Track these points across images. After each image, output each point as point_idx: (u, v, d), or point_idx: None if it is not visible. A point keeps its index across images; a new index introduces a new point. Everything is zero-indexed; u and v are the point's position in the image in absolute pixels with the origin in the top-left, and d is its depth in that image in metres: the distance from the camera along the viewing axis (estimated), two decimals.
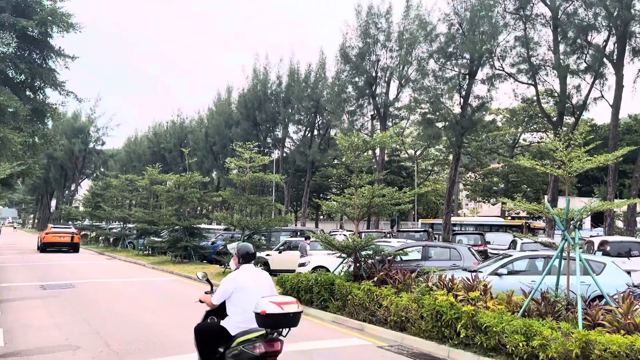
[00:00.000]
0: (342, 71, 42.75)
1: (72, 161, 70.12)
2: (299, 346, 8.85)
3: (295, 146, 53.48)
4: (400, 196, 12.91)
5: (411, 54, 38.52)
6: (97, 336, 9.34)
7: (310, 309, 12.19)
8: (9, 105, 17.66)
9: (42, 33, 18.75)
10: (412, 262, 14.83)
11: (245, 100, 53.46)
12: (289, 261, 19.67)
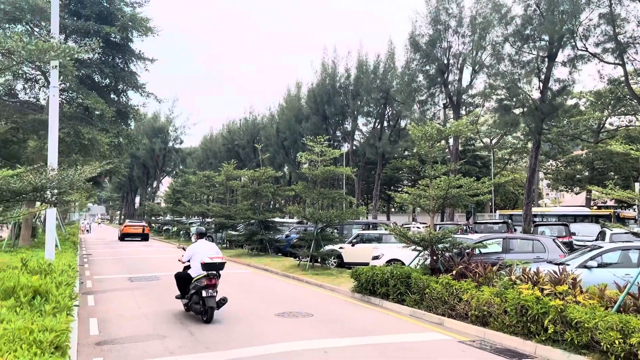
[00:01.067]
0: (412, 60, 41.87)
1: (153, 159, 73.95)
2: (378, 339, 8.77)
3: (365, 138, 53.17)
4: (478, 186, 12.45)
5: (485, 38, 37.01)
6: (182, 326, 9.74)
7: (387, 302, 12.05)
8: (96, 108, 18.83)
9: (124, 38, 19.83)
10: (491, 255, 14.27)
11: (315, 95, 53.79)
12: (362, 254, 19.59)
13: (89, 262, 23.38)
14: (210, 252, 10.47)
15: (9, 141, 18.12)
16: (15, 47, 5.97)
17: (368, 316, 11.01)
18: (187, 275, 10.70)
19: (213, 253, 10.45)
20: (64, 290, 6.58)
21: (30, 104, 19.42)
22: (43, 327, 4.38)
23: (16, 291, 6.04)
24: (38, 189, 6.04)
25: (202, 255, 10.34)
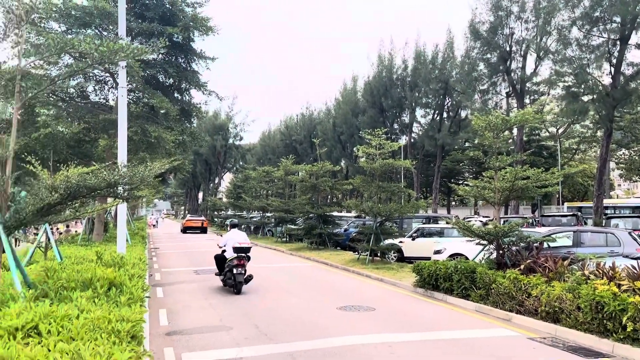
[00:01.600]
0: (472, 49, 40.67)
1: (214, 156, 76.07)
2: (444, 334, 8.59)
3: (424, 130, 52.25)
4: (547, 177, 11.91)
5: (550, 23, 35.35)
6: (246, 318, 9.94)
7: (450, 297, 11.79)
8: (161, 107, 19.53)
9: (185, 38, 20.44)
10: (561, 249, 13.65)
11: (371, 88, 53.38)
12: (423, 248, 19.27)
13: (157, 255, 24.36)
14: (240, 239, 13.14)
15: (82, 140, 19.14)
16: (88, 49, 6.26)
17: (432, 311, 10.81)
18: (223, 257, 13.41)
19: (242, 240, 13.10)
20: (136, 282, 6.85)
21: (101, 105, 20.41)
22: (120, 317, 4.57)
23: (93, 282, 6.36)
24: (111, 185, 6.31)
25: (234, 241, 12.99)
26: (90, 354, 3.53)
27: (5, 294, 5.54)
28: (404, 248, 20.15)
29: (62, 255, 10.39)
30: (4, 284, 6.33)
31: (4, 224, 5.95)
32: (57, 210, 6.58)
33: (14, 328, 4.01)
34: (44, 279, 6.75)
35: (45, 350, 3.55)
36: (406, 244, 20.18)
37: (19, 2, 6.34)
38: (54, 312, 4.44)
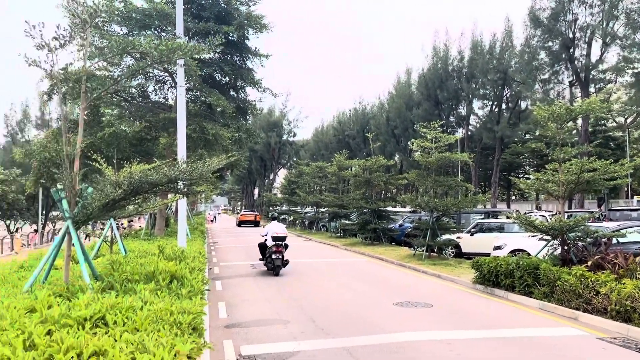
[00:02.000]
0: (532, 37, 39.08)
1: (269, 152, 77.18)
2: (506, 332, 8.29)
3: (481, 123, 50.74)
4: (615, 169, 11.24)
5: (617, 7, 33.37)
6: (302, 312, 10.00)
7: (512, 294, 11.38)
8: (218, 105, 19.94)
9: (240, 36, 20.76)
10: (632, 244, 12.85)
11: (426, 80, 52.40)
12: (482, 244, 18.73)
13: (216, 249, 24.99)
14: (278, 229, 15.70)
15: (144, 139, 19.87)
16: (148, 48, 6.45)
17: (492, 308, 10.48)
18: (264, 245, 16.02)
19: (279, 230, 15.67)
20: (196, 275, 7.02)
21: (161, 104, 21.10)
22: (181, 310, 4.68)
23: (156, 275, 6.56)
24: (172, 181, 6.49)
25: (272, 231, 15.56)
26: (153, 344, 3.62)
27: (74, 286, 5.80)
28: (462, 244, 19.66)
29: (126, 249, 10.82)
30: (73, 276, 6.64)
31: (72, 218, 6.24)
32: (121, 205, 6.83)
33: (82, 318, 4.19)
34: (110, 272, 7.04)
35: (112, 340, 3.67)
36: (464, 240, 19.68)
37: (83, 6, 6.61)
38: (120, 303, 4.60)
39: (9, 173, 37.10)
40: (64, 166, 6.33)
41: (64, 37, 6.55)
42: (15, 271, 7.73)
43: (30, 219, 41.15)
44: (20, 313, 4.31)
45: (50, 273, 6.79)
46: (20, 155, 21.85)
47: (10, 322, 4.02)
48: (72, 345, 3.50)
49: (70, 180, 6.24)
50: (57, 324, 4.09)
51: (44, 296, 4.90)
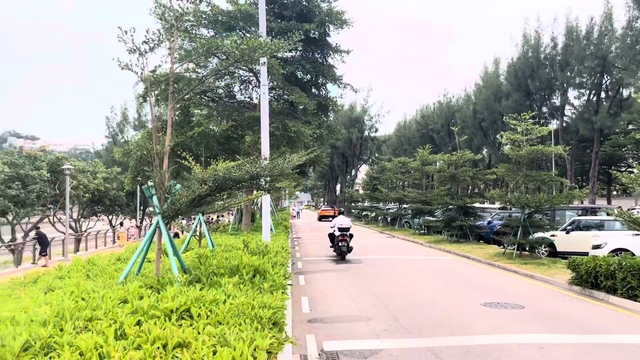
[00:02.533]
0: (635, 19, 35.84)
1: (351, 149, 77.26)
2: (607, 339, 7.63)
3: (577, 113, 47.36)
4: None
5: None
6: (385, 309, 9.83)
7: (613, 297, 10.48)
8: (300, 103, 20.20)
9: (322, 33, 20.86)
10: None
11: (515, 70, 49.78)
12: (579, 242, 17.47)
13: (299, 244, 25.40)
14: (343, 222, 18.85)
15: (230, 137, 20.61)
16: (230, 48, 6.61)
17: (590, 312, 9.70)
18: (333, 234, 19.01)
19: (345, 222, 18.81)
20: (278, 270, 7.10)
21: (246, 104, 21.75)
22: (262, 304, 4.73)
23: (240, 269, 6.71)
24: (254, 177, 6.60)
25: (339, 223, 18.67)
26: (234, 338, 3.67)
27: (164, 278, 6.07)
28: (556, 242, 18.45)
29: (213, 243, 11.23)
30: (164, 269, 6.96)
31: (162, 214, 6.53)
32: (207, 201, 7.06)
33: (169, 310, 4.35)
34: (197, 265, 7.31)
35: (195, 333, 3.77)
36: (559, 238, 18.46)
37: (170, 10, 6.89)
38: (204, 296, 4.74)
39: (110, 171, 40.04)
40: (154, 164, 6.64)
41: (153, 41, 6.86)
42: (113, 263, 8.27)
43: (129, 214, 44.20)
44: (114, 303, 4.56)
45: (144, 265, 7.17)
46: (120, 155, 23.45)
47: (104, 312, 4.26)
48: (158, 336, 3.63)
49: (160, 177, 6.53)
50: (146, 314, 4.28)
51: (136, 288, 5.16)
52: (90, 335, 3.52)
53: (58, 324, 3.91)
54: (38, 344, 3.44)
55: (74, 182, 32.98)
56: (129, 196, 41.34)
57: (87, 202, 37.51)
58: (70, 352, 3.25)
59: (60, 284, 6.33)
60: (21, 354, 3.29)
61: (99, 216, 42.93)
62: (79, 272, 7.37)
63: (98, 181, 37.30)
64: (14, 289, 6.10)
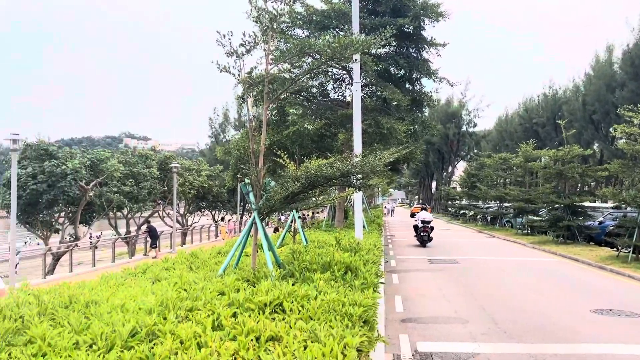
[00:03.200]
0: None
1: (447, 145, 75.03)
2: None
3: None
4: None
5: None
6: (483, 312, 9.43)
7: None
8: (393, 99, 19.95)
9: (416, 27, 20.42)
10: None
11: (632, 57, 45.47)
12: None
13: (392, 242, 25.16)
14: (425, 216, 23.45)
15: (324, 135, 20.85)
16: (322, 47, 6.66)
17: None
18: (417, 226, 23.45)
19: (426, 217, 23.39)
20: (370, 268, 7.05)
21: (339, 101, 21.89)
22: (353, 301, 4.71)
23: (331, 266, 6.75)
24: (345, 174, 6.61)
25: (422, 217, 23.20)
26: (324, 334, 3.69)
27: (259, 272, 6.27)
28: None
29: (307, 239, 11.43)
30: (259, 263, 7.20)
31: (258, 210, 6.75)
32: (300, 198, 7.18)
33: (263, 304, 4.47)
34: (291, 260, 7.46)
35: (287, 327, 3.84)
36: None
37: (265, 11, 7.09)
38: (296, 291, 4.81)
39: (213, 169, 42.29)
40: (251, 162, 6.88)
41: (250, 43, 7.10)
42: (214, 256, 8.68)
43: (230, 210, 46.40)
44: (212, 295, 4.78)
45: (241, 259, 7.46)
46: (221, 154, 24.64)
47: (203, 303, 4.47)
48: (252, 329, 3.75)
49: (256, 175, 6.75)
50: (241, 307, 4.43)
51: (232, 281, 5.37)
52: (190, 325, 3.72)
53: (162, 312, 4.17)
54: (144, 330, 3.68)
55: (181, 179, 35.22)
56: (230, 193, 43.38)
57: (192, 198, 39.89)
58: (171, 340, 3.44)
59: (165, 275, 6.77)
60: (129, 339, 3.54)
61: (203, 211, 45.51)
62: (183, 264, 7.83)
63: (202, 179, 39.54)
64: (125, 278, 6.62)
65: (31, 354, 3.16)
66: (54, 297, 4.73)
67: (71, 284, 5.77)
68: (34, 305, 4.37)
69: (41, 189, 24.13)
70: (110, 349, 3.42)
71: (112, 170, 27.40)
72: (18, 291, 4.92)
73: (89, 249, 24.11)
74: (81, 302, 4.61)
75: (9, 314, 4.10)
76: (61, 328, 3.76)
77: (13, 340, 3.59)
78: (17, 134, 17.49)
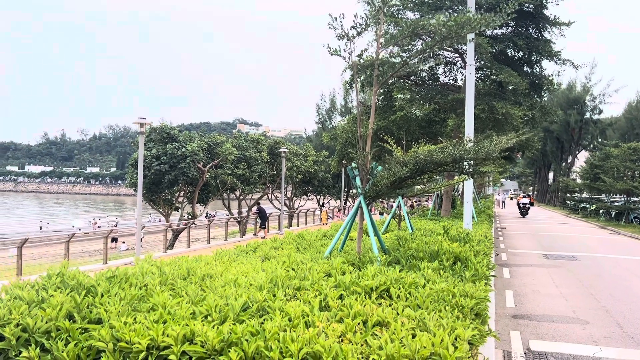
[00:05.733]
0: None
1: (567, 133, 69.49)
2: None
3: None
4: None
5: None
6: (606, 314, 8.62)
7: None
8: (509, 83, 18.76)
9: (537, 6, 18.95)
10: None
11: None
12: None
13: (503, 235, 23.92)
14: (524, 200, 39.85)
15: (432, 121, 20.24)
16: (436, 26, 6.38)
17: None
18: (518, 204, 40.47)
19: (525, 200, 40.11)
20: (481, 259, 6.71)
21: (449, 86, 21.08)
22: (464, 293, 4.50)
23: (439, 255, 6.53)
24: (457, 160, 6.32)
25: (522, 201, 40.22)
26: (434, 324, 3.55)
27: (365, 257, 6.23)
28: None
29: (413, 227, 11.20)
30: (364, 248, 7.16)
31: (364, 194, 6.69)
32: (407, 184, 7.01)
33: (369, 288, 4.41)
34: (396, 247, 7.34)
35: (394, 313, 3.74)
36: None
37: None
38: (403, 278, 4.70)
39: (319, 155, 43.03)
40: (358, 146, 6.83)
41: (360, 26, 7.01)
42: (320, 239, 8.81)
43: (335, 195, 47.03)
44: (319, 276, 4.82)
45: (346, 243, 7.47)
46: (327, 139, 24.95)
47: (310, 283, 4.52)
48: (359, 312, 3.71)
49: (363, 159, 6.69)
50: (347, 290, 4.42)
51: (339, 263, 5.38)
52: (298, 304, 3.76)
53: (271, 290, 4.28)
54: (255, 306, 3.80)
55: (289, 164, 36.29)
56: (334, 178, 43.95)
57: (299, 183, 40.98)
58: (280, 317, 3.51)
59: (274, 254, 6.99)
60: (241, 313, 3.67)
61: (309, 196, 46.60)
62: (291, 244, 8.03)
63: (308, 164, 40.42)
64: (237, 255, 6.93)
65: (153, 320, 3.38)
66: (173, 268, 5.05)
67: (189, 257, 6.16)
68: (156, 276, 4.70)
69: (164, 170, 26.14)
70: (224, 321, 3.56)
71: (226, 154, 28.91)
72: (142, 262, 5.32)
73: (205, 227, 25.72)
74: (198, 275, 4.88)
75: (135, 282, 4.44)
76: (180, 298, 3.99)
77: (138, 307, 3.87)
78: (143, 118, 18.97)
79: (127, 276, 4.53)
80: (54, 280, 4.27)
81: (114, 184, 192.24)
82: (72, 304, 3.70)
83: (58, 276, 4.34)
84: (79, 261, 21.84)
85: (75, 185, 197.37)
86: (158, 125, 29.09)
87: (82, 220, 60.90)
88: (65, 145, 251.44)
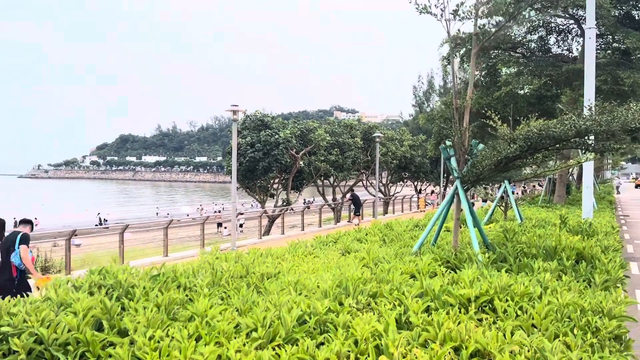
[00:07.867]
0: None
1: None
2: None
3: None
4: None
5: None
6: None
7: None
8: (636, 49, 16.22)
9: None
10: None
11: None
12: None
13: (627, 224, 21.09)
14: None
15: (543, 97, 18.06)
16: None
17: None
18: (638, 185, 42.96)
19: None
20: (612, 257, 5.37)
21: (563, 57, 18.74)
22: (598, 307, 3.34)
23: (557, 252, 5.29)
24: (581, 134, 5.02)
25: None
26: (558, 358, 2.50)
27: (462, 253, 5.17)
28: None
29: (522, 216, 9.78)
30: (463, 241, 6.08)
31: (461, 178, 5.60)
32: (515, 165, 5.81)
33: (466, 298, 3.41)
34: (502, 241, 6.17)
35: (501, 338, 2.73)
36: None
37: None
38: (512, 286, 3.63)
39: (416, 139, 41.28)
40: (454, 120, 5.74)
41: None
42: (410, 229, 7.83)
43: (433, 181, 45.04)
44: (402, 279, 3.91)
45: (441, 235, 6.43)
46: (424, 121, 23.53)
47: (390, 288, 3.62)
48: (450, 334, 2.76)
49: (460, 135, 5.60)
50: (436, 300, 3.46)
51: (428, 262, 4.41)
52: (369, 318, 2.89)
53: (339, 296, 3.45)
54: (313, 320, 2.99)
55: (383, 149, 35.12)
56: (432, 163, 41.99)
57: (394, 168, 39.63)
58: (342, 338, 2.68)
59: (356, 247, 6.15)
60: (294, 329, 2.88)
61: (405, 182, 45.07)
62: (376, 235, 7.15)
63: (404, 148, 38.91)
64: (315, 248, 6.17)
65: (186, 336, 2.70)
66: (232, 265, 4.38)
67: (261, 249, 5.51)
68: (208, 274, 4.05)
69: (258, 157, 26.25)
70: (272, 340, 2.79)
71: (319, 140, 28.45)
72: (203, 256, 4.74)
73: (299, 213, 25.51)
74: (257, 273, 4.17)
75: (183, 282, 3.82)
76: (227, 305, 3.28)
77: (177, 314, 3.22)
78: (236, 105, 18.89)
79: (176, 275, 3.92)
80: (93, 277, 3.77)
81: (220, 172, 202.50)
82: (101, 310, 3.13)
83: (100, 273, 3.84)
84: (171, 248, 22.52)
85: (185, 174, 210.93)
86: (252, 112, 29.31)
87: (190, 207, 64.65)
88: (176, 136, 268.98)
